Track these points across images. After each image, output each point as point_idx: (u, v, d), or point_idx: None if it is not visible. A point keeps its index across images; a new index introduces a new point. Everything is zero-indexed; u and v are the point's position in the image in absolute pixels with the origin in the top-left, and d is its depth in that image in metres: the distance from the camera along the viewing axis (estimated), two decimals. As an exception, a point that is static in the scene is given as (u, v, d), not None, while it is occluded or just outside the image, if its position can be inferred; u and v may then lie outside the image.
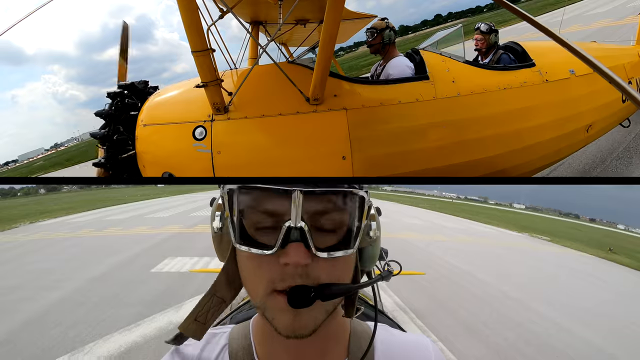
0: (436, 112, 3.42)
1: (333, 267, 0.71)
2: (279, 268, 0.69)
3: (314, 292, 0.68)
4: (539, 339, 6.47)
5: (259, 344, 0.85)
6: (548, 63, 3.89)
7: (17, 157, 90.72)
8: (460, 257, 13.29)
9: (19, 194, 44.80)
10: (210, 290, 0.85)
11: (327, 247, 0.71)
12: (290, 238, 0.68)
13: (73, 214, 24.63)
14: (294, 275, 0.68)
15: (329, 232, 0.72)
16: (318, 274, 0.70)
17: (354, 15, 4.62)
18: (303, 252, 0.68)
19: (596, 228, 40.35)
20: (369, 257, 0.82)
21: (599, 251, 18.40)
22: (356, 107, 3.30)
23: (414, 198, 54.18)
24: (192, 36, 2.98)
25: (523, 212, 53.01)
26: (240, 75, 3.66)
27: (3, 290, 8.21)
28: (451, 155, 3.48)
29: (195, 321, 0.84)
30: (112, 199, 32.39)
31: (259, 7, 3.98)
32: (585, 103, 4.10)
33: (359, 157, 3.25)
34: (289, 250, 0.68)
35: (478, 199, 78.64)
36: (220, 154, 3.26)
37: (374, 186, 68.33)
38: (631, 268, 15.07)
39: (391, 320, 1.50)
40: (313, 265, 0.69)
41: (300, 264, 0.68)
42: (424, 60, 3.60)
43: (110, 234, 16.74)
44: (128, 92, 3.80)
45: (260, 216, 0.71)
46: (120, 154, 3.64)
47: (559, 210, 70.71)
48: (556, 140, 3.99)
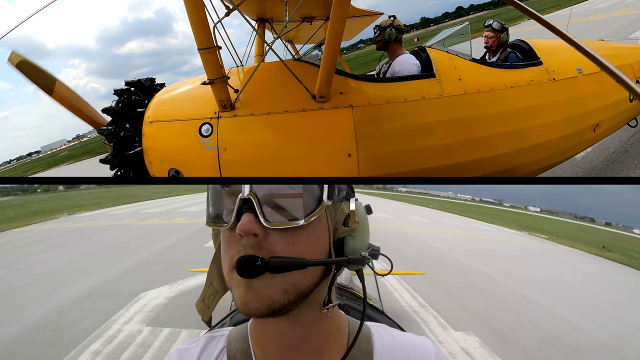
0: (442, 110, 3.41)
1: (293, 244, 0.73)
2: (237, 242, 0.72)
3: (260, 262, 0.68)
4: (521, 316, 7.16)
5: (257, 346, 0.85)
6: (555, 61, 3.86)
7: (40, 148, 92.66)
8: (450, 246, 14.56)
9: (38, 190, 45.74)
10: (207, 279, 0.92)
11: (276, 217, 0.73)
12: (243, 211, 0.72)
13: (105, 208, 25.69)
14: (246, 246, 0.71)
15: (283, 210, 0.74)
16: (274, 248, 0.71)
17: (360, 13, 4.61)
18: (250, 220, 0.70)
19: (593, 227, 40.59)
20: (350, 248, 0.80)
21: (593, 248, 18.72)
22: (362, 104, 3.30)
23: (428, 199, 54.35)
24: (198, 33, 2.99)
25: (534, 214, 52.54)
26: (246, 73, 3.67)
27: (76, 263, 10.12)
28: (457, 153, 3.47)
29: (203, 302, 0.92)
30: (137, 196, 33.41)
31: (265, 5, 3.99)
32: (592, 102, 4.07)
33: (365, 154, 3.25)
34: (242, 221, 0.71)
35: (493, 201, 78.01)
36: (227, 151, 3.27)
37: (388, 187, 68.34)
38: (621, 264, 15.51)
39: (391, 320, 1.50)
40: (268, 239, 0.71)
41: (248, 232, 0.70)
42: (430, 57, 3.58)
43: (152, 223, 18.05)
44: (135, 89, 3.82)
45: (226, 200, 0.77)
46: (127, 151, 3.66)
47: (574, 213, 69.64)
48: (563, 140, 3.96)
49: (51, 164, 38.63)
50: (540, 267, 12.76)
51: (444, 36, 3.92)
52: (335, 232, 0.80)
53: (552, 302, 8.20)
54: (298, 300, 0.73)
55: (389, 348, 0.87)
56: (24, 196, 41.72)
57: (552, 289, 9.37)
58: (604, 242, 20.22)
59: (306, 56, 4.33)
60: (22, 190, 45.85)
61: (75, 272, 9.15)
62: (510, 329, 6.42)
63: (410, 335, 0.94)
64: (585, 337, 6.41)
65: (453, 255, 12.62)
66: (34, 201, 32.56)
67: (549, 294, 8.81)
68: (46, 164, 41.13)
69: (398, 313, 6.77)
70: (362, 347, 0.85)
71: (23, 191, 45.52)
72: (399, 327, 1.25)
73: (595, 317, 7.42)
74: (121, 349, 5.28)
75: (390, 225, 18.81)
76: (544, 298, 8.42)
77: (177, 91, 3.75)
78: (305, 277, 0.73)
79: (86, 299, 7.26)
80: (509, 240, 18.82)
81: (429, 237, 16.49)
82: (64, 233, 15.29)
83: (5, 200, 35.63)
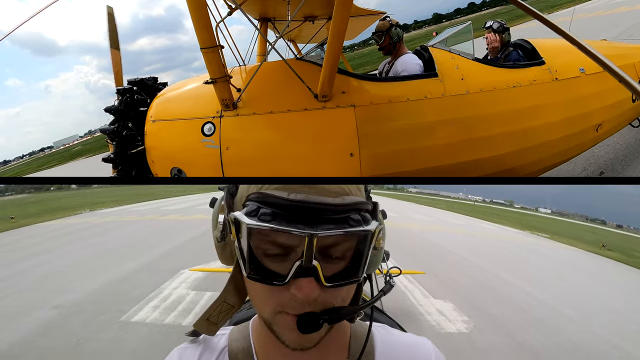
0: (445, 109, 3.41)
1: (340, 290, 0.72)
2: (289, 296, 0.68)
3: (321, 318, 0.69)
4: (509, 300, 8.04)
5: (258, 345, 0.85)
6: (558, 61, 3.85)
7: (53, 144, 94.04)
8: (450, 240, 15.78)
9: (52, 189, 46.20)
10: (220, 297, 0.88)
11: (336, 276, 0.70)
12: (301, 272, 0.67)
13: (124, 205, 26.10)
14: (303, 304, 0.68)
15: (337, 260, 0.71)
16: (325, 299, 0.70)
17: (363, 12, 4.61)
18: (314, 287, 0.67)
19: (594, 227, 41.02)
20: (372, 263, 0.80)
21: (592, 247, 19.28)
22: (364, 104, 3.30)
23: (436, 200, 54.81)
24: (200, 33, 2.99)
25: (542, 216, 52.39)
26: (248, 72, 3.67)
27: (118, 249, 11.29)
28: (459, 153, 3.47)
29: (208, 321, 0.88)
30: (153, 194, 33.91)
31: (267, 4, 3.99)
32: (595, 102, 4.06)
33: (367, 154, 3.25)
34: (300, 284, 0.67)
35: (503, 202, 78.01)
36: (229, 150, 3.28)
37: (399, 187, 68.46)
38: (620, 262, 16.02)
39: (392, 320, 1.50)
40: (324, 294, 0.69)
41: (311, 298, 0.67)
42: (432, 57, 3.58)
43: (173, 219, 18.58)
44: (137, 88, 3.83)
45: (270, 246, 0.69)
46: (130, 150, 3.67)
47: (585, 215, 69.13)
48: (565, 139, 3.96)
49: (67, 158, 39.62)
50: (525, 258, 14.12)
51: (446, 35, 3.91)
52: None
53: (520, 278, 9.94)
54: None
55: (390, 348, 0.88)
56: (37, 194, 42.25)
57: (531, 274, 10.81)
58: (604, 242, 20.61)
59: (308, 55, 4.33)
60: (35, 188, 46.34)
61: (119, 255, 10.49)
62: (481, 301, 7.80)
63: (411, 335, 0.94)
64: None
65: (450, 249, 13.79)
66: (50, 199, 33.27)
67: (525, 277, 10.31)
68: (62, 158, 42.12)
69: (398, 313, 6.79)
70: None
71: (36, 189, 45.99)
72: (399, 327, 1.25)
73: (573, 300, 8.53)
74: (175, 304, 6.67)
75: (396, 222, 19.69)
76: (522, 281, 9.75)
77: (180, 90, 3.76)
78: None
79: (136, 274, 8.58)
80: (507, 238, 19.68)
81: (430, 233, 17.36)
82: (94, 225, 16.47)
83: (21, 198, 36.18)
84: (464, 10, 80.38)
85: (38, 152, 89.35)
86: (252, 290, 0.75)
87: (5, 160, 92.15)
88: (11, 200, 33.52)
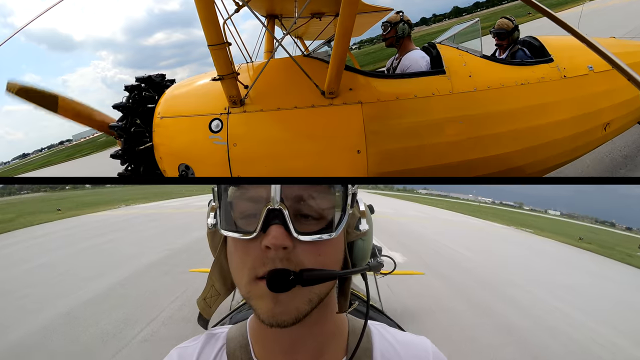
0: (452, 107, 3.39)
1: (318, 255, 0.71)
2: (261, 253, 0.69)
3: (293, 275, 0.67)
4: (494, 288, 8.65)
5: (256, 342, 0.85)
6: (566, 59, 3.81)
7: (72, 137, 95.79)
8: (436, 231, 17.72)
9: (67, 187, 47.05)
10: (208, 280, 0.90)
11: (309, 231, 0.71)
12: (270, 221, 0.69)
13: (154, 201, 28.32)
14: (274, 259, 0.68)
15: (310, 219, 0.72)
16: (301, 259, 0.69)
17: (370, 9, 4.60)
18: (282, 234, 0.68)
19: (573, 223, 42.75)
20: (360, 250, 0.82)
21: (570, 240, 20.54)
22: (372, 101, 3.30)
23: (440, 200, 55.37)
24: (208, 30, 3.00)
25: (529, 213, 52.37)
26: (256, 69, 3.68)
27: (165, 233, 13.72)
28: (467, 150, 3.46)
29: (204, 300, 0.91)
30: (179, 193, 35.55)
31: (274, 1, 3.99)
32: (603, 100, 4.02)
33: (374, 151, 3.25)
34: (269, 232, 0.68)
35: (513, 204, 77.82)
36: (236, 147, 3.29)
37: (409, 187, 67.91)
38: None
39: (390, 319, 1.51)
40: (295, 250, 0.69)
41: (280, 246, 0.67)
42: (440, 54, 3.57)
43: (203, 212, 20.23)
44: (145, 85, 3.85)
45: (244, 204, 0.73)
46: (138, 146, 3.70)
47: (595, 217, 68.44)
48: (573, 138, 3.92)
49: (93, 149, 40.56)
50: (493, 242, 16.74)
51: (454, 32, 3.90)
52: (348, 235, 0.81)
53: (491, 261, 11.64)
54: (317, 306, 0.74)
55: (389, 346, 0.88)
56: (52, 192, 43.21)
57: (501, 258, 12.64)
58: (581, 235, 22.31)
59: (315, 52, 4.33)
60: (50, 187, 47.21)
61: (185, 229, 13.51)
62: (438, 265, 9.94)
63: (410, 334, 0.94)
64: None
65: (430, 235, 16.06)
66: (71, 197, 34.86)
67: (485, 256, 12.33)
68: (88, 149, 43.32)
69: (398, 313, 6.80)
70: (362, 345, 0.85)
71: (52, 188, 46.78)
72: (398, 327, 1.25)
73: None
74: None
75: (392, 217, 22.19)
76: (478, 255, 12.07)
77: (188, 87, 3.78)
78: (326, 284, 0.73)
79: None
80: (489, 230, 21.66)
81: (419, 225, 19.82)
82: (138, 216, 18.68)
83: (39, 196, 36.95)
84: (484, 4, 79.32)
85: (57, 145, 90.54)
86: (232, 263, 0.77)
87: (24, 154, 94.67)
88: (38, 198, 34.86)
